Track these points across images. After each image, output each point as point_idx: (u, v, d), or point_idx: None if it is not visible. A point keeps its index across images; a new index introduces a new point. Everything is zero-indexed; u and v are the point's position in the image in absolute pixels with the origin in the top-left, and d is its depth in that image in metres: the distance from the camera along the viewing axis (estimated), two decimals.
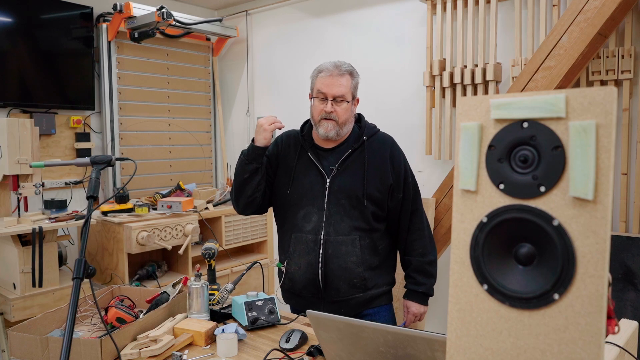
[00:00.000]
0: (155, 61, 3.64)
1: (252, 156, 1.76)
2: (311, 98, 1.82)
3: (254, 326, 1.63)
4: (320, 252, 1.73)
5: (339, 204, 1.75)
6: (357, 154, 1.80)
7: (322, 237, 1.74)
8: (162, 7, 3.07)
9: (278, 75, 3.78)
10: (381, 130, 1.90)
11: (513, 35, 2.60)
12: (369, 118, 1.93)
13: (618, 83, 2.32)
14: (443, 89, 2.79)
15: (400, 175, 1.81)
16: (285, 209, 1.84)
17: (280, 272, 1.87)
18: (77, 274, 1.20)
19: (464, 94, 2.71)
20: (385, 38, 3.15)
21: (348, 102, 1.75)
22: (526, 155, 0.70)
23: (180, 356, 1.43)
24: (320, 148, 1.83)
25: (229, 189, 3.60)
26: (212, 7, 4.05)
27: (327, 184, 1.76)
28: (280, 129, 1.79)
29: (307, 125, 1.90)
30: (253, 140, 1.77)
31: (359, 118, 1.89)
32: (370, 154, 1.80)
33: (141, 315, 1.65)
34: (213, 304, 1.77)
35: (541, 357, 0.67)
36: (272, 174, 1.88)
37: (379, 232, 1.82)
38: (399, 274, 1.92)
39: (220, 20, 3.79)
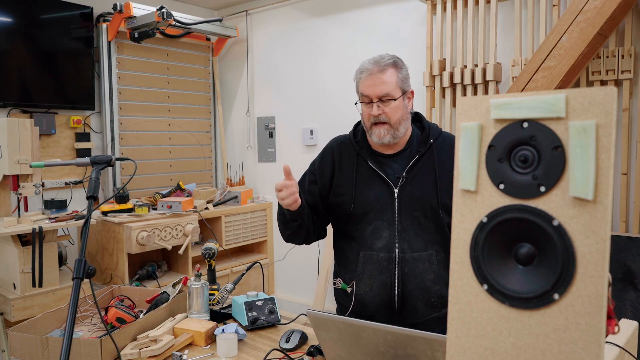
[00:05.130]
0: (155, 61, 3.64)
1: (290, 216, 1.58)
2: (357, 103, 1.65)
3: (254, 326, 1.63)
4: (396, 272, 1.56)
5: (411, 217, 1.58)
6: (425, 159, 1.61)
7: (396, 255, 1.57)
8: (162, 7, 3.08)
9: (278, 75, 3.78)
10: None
11: (513, 35, 2.60)
12: None
13: (618, 83, 2.32)
14: (443, 89, 2.79)
15: None
16: (350, 225, 1.65)
17: (345, 294, 1.67)
18: (77, 274, 1.20)
19: (464, 94, 2.71)
20: (385, 38, 3.15)
21: (396, 99, 1.55)
22: (526, 155, 0.70)
23: (180, 356, 1.43)
24: (380, 155, 1.63)
25: (229, 188, 3.60)
26: (212, 7, 4.05)
27: (396, 195, 1.58)
28: (292, 194, 1.50)
29: (361, 130, 1.68)
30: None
31: (418, 117, 1.70)
32: (440, 158, 1.61)
33: (141, 315, 1.65)
34: (213, 304, 1.77)
35: (541, 357, 0.67)
36: (325, 193, 1.68)
37: None
38: None
39: (220, 20, 3.79)
